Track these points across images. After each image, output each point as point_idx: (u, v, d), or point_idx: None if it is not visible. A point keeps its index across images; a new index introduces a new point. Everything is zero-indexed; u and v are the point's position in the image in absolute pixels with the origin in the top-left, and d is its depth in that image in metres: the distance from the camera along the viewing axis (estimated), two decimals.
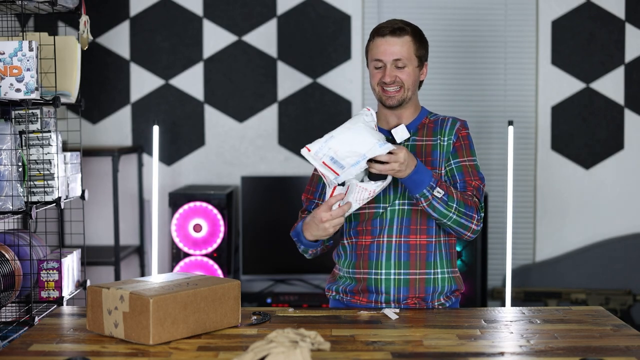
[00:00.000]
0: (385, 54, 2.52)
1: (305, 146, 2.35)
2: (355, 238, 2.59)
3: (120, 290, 2.07)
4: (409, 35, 2.54)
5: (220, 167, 4.79)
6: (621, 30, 4.74)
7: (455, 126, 2.60)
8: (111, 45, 4.74)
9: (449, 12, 4.78)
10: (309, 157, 2.35)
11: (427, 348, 2.06)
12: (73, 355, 1.97)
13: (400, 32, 2.53)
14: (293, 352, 1.82)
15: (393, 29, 2.53)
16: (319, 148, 2.34)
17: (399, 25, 2.54)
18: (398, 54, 2.52)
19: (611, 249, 4.74)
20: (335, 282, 2.65)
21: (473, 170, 2.57)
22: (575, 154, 4.78)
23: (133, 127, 4.77)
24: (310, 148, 2.34)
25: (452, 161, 2.57)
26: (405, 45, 2.52)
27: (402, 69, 2.53)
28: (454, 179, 2.56)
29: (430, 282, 2.55)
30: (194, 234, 4.33)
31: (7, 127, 2.91)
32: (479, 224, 2.51)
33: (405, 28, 2.54)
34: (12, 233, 3.18)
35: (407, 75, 2.53)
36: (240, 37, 4.76)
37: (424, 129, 2.60)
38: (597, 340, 2.12)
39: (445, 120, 2.62)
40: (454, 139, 2.58)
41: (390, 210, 2.54)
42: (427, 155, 2.56)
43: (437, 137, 2.58)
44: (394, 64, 2.52)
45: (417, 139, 2.59)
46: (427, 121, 2.62)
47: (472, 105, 4.78)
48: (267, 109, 4.78)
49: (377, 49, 2.54)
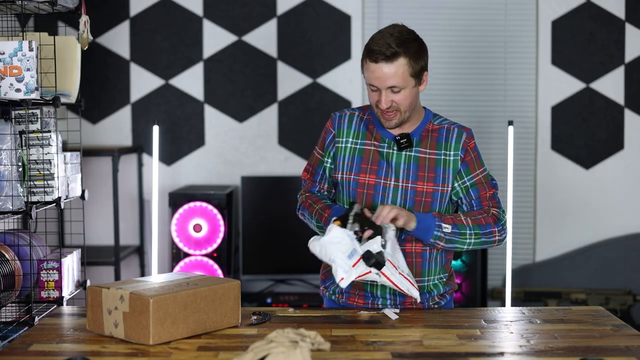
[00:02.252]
0: (379, 80, 2.43)
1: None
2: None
3: (120, 290, 2.07)
4: (403, 58, 2.41)
5: (220, 167, 4.79)
6: (621, 30, 4.74)
7: (462, 139, 2.55)
8: (111, 45, 4.74)
9: (449, 12, 4.78)
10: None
11: (427, 348, 2.06)
12: (73, 355, 1.97)
13: (394, 57, 2.40)
14: (293, 352, 1.82)
15: (386, 56, 2.40)
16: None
17: (392, 50, 2.40)
18: (392, 81, 2.42)
19: (611, 249, 4.73)
20: (329, 277, 2.64)
21: (486, 181, 2.57)
22: (575, 154, 4.78)
23: (133, 127, 4.77)
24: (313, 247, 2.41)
25: (466, 178, 2.55)
26: (399, 70, 2.41)
27: (398, 92, 2.45)
28: (469, 197, 2.55)
29: (425, 289, 2.56)
30: (194, 234, 4.33)
31: (7, 127, 2.91)
32: (502, 233, 2.54)
33: (399, 51, 2.41)
34: (12, 233, 3.17)
35: (403, 98, 2.46)
36: (240, 37, 4.76)
37: (428, 138, 2.55)
38: (597, 340, 2.12)
39: (450, 130, 2.56)
40: (461, 154, 2.54)
41: None
42: (429, 170, 2.53)
43: (441, 151, 2.54)
44: (389, 90, 2.45)
45: (421, 150, 2.54)
46: (431, 127, 2.57)
47: (472, 105, 4.78)
48: (267, 109, 4.78)
49: (371, 75, 2.44)
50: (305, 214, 2.65)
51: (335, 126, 2.62)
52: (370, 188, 2.54)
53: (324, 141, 2.65)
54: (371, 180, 2.53)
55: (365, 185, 2.54)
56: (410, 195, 2.51)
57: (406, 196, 2.51)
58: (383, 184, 2.53)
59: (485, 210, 2.53)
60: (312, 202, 2.63)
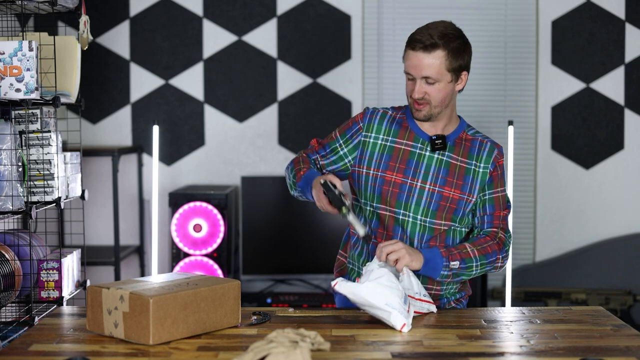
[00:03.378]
0: (415, 69, 2.45)
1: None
2: (374, 238, 2.58)
3: (120, 290, 2.07)
4: (442, 50, 2.44)
5: (220, 167, 4.79)
6: (621, 30, 4.74)
7: (493, 154, 2.57)
8: (111, 45, 4.74)
9: (449, 12, 4.77)
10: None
11: (427, 348, 2.06)
12: (73, 355, 1.96)
13: (433, 48, 2.43)
14: (293, 352, 1.82)
15: (425, 45, 2.43)
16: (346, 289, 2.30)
17: (432, 40, 2.43)
18: (427, 72, 2.44)
19: (611, 249, 4.73)
20: (346, 274, 2.65)
21: (503, 201, 2.58)
22: (575, 154, 4.78)
23: (133, 127, 4.77)
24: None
25: (487, 191, 2.56)
26: (436, 61, 2.44)
27: (433, 84, 2.46)
28: (483, 211, 2.57)
29: (441, 297, 2.59)
30: (194, 234, 4.33)
31: (7, 127, 2.91)
32: (505, 259, 2.56)
33: (438, 43, 2.44)
34: (12, 233, 3.18)
35: (437, 91, 2.47)
36: (240, 37, 4.76)
37: (461, 146, 2.56)
38: (597, 340, 2.12)
39: (483, 143, 2.58)
40: (490, 167, 2.55)
41: (412, 223, 2.53)
42: (459, 177, 2.53)
43: (472, 162, 2.55)
44: (423, 80, 2.46)
45: (453, 156, 2.55)
46: (464, 136, 2.58)
47: (472, 105, 4.78)
48: (267, 109, 4.78)
49: (408, 62, 2.47)
50: (289, 168, 2.66)
51: (366, 120, 2.60)
52: (396, 186, 2.52)
53: (346, 127, 2.63)
54: (398, 179, 2.52)
55: (392, 184, 2.53)
56: (436, 198, 2.51)
57: (431, 199, 2.51)
58: (410, 184, 2.52)
59: (493, 233, 2.55)
60: (301, 161, 2.64)
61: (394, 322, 2.20)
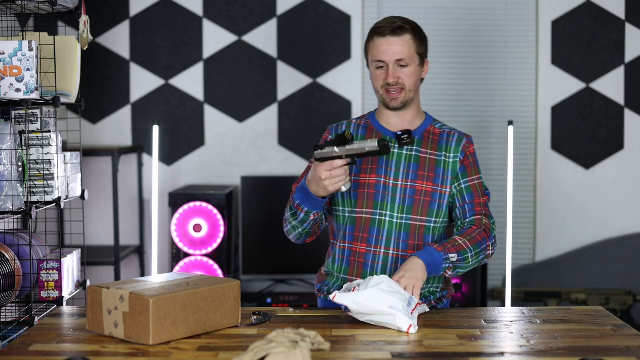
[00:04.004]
0: (387, 54, 2.50)
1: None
2: (349, 243, 2.58)
3: (120, 290, 2.07)
4: (410, 34, 2.52)
5: (220, 167, 4.79)
6: (621, 30, 4.74)
7: (462, 143, 2.59)
8: (111, 45, 4.74)
9: (449, 12, 4.78)
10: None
11: (427, 348, 2.06)
12: (73, 355, 1.97)
13: (401, 31, 2.51)
14: (293, 352, 1.82)
15: (393, 28, 2.51)
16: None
17: (398, 23, 2.52)
18: (400, 54, 2.50)
19: (611, 249, 4.74)
20: (324, 281, 2.65)
21: (480, 188, 2.59)
22: (575, 154, 4.78)
23: (133, 127, 4.77)
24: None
25: (462, 180, 2.58)
26: (406, 44, 2.51)
27: (404, 68, 2.51)
28: (462, 200, 2.57)
29: (421, 295, 2.58)
30: (194, 234, 4.33)
31: (7, 127, 2.91)
32: (494, 246, 2.57)
33: (405, 26, 2.52)
34: (12, 233, 3.17)
35: (409, 75, 2.52)
36: (240, 37, 4.76)
37: (429, 140, 2.59)
38: (597, 340, 2.12)
39: (451, 134, 2.60)
40: (460, 156, 2.57)
41: (389, 222, 2.53)
42: (429, 169, 2.55)
43: (442, 153, 2.57)
44: (396, 64, 2.51)
45: (422, 150, 2.57)
46: (432, 130, 2.61)
47: (472, 105, 4.78)
48: (267, 109, 4.78)
49: (377, 50, 2.52)
50: (285, 214, 2.58)
51: (333, 134, 2.64)
52: (370, 187, 2.54)
53: None
54: (372, 180, 2.54)
55: (366, 185, 2.54)
56: (409, 194, 2.52)
57: (405, 195, 2.52)
58: (383, 183, 2.54)
59: (478, 221, 2.56)
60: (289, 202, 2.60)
61: (400, 324, 2.19)
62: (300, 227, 2.55)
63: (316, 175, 2.36)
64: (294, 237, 2.63)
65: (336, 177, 2.34)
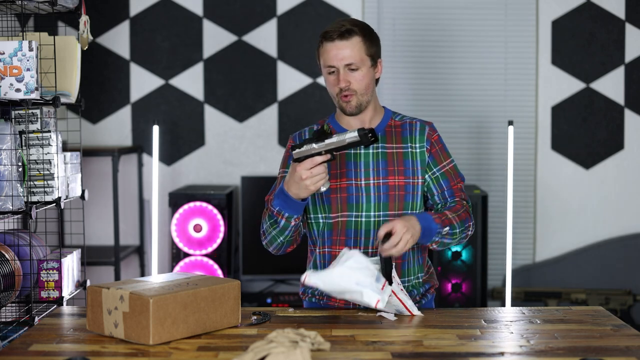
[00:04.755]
0: (336, 59, 2.47)
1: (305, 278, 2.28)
2: (329, 247, 2.57)
3: (120, 290, 2.07)
4: (358, 36, 2.48)
5: (220, 167, 4.79)
6: (621, 30, 4.74)
7: (425, 131, 2.58)
8: (111, 45, 4.74)
9: (449, 12, 4.78)
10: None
11: (427, 348, 2.06)
12: (73, 355, 1.97)
13: (349, 34, 2.46)
14: (293, 352, 1.82)
15: (341, 32, 2.46)
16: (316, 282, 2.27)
17: (347, 27, 2.47)
18: (349, 58, 2.46)
19: (611, 249, 4.74)
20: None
21: (454, 172, 2.60)
22: (575, 154, 4.78)
23: (133, 127, 4.77)
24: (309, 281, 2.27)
25: (435, 169, 2.57)
26: (355, 47, 2.46)
27: (355, 72, 2.48)
28: (440, 187, 2.57)
29: (405, 290, 2.55)
30: (194, 234, 4.33)
31: (7, 127, 2.91)
32: (473, 226, 2.59)
33: (353, 29, 2.47)
34: (12, 233, 3.18)
35: (360, 78, 2.48)
36: (240, 37, 4.76)
37: (392, 134, 2.58)
38: (597, 340, 2.12)
39: (413, 124, 2.59)
40: (427, 145, 2.57)
41: (366, 222, 2.53)
42: (398, 164, 2.54)
43: (407, 145, 2.56)
44: (346, 68, 2.48)
45: (387, 145, 2.56)
46: (393, 123, 2.60)
47: (472, 105, 4.78)
48: (267, 109, 4.78)
49: (327, 55, 2.48)
50: (263, 225, 2.57)
51: (296, 142, 2.63)
52: (342, 191, 2.53)
53: (284, 160, 2.64)
54: (343, 183, 2.53)
55: (338, 190, 2.53)
56: (383, 190, 2.52)
57: (379, 192, 2.52)
58: (355, 185, 2.53)
59: (460, 203, 2.57)
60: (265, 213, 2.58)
61: (367, 300, 2.21)
62: (280, 236, 2.55)
63: (296, 175, 2.34)
64: (274, 248, 2.63)
65: (317, 176, 2.32)
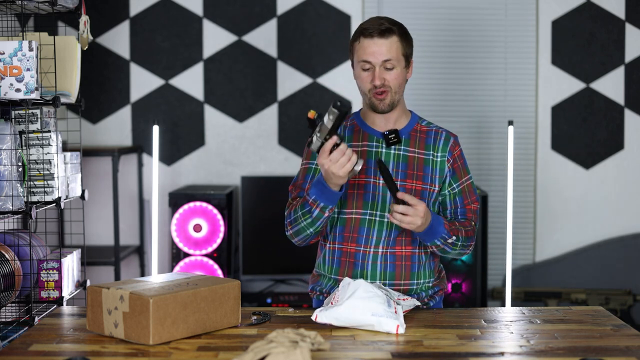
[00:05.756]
0: (374, 55, 2.48)
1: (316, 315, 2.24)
2: (339, 244, 2.57)
3: (120, 290, 2.07)
4: (397, 36, 2.50)
5: (220, 167, 4.79)
6: (621, 30, 4.74)
7: (449, 143, 2.59)
8: (111, 45, 4.74)
9: (449, 12, 4.78)
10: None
11: (427, 348, 2.06)
12: (73, 355, 1.97)
13: (388, 33, 2.48)
14: (293, 352, 1.82)
15: (380, 30, 2.48)
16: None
17: (386, 25, 2.49)
18: (387, 55, 2.48)
19: (611, 249, 4.74)
20: (317, 282, 2.64)
21: (470, 190, 2.62)
22: (575, 154, 4.78)
23: (133, 127, 4.77)
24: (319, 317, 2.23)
25: (454, 185, 2.59)
26: (393, 47, 2.48)
27: (391, 70, 2.50)
28: (454, 204, 2.60)
29: (413, 292, 2.57)
30: (194, 234, 4.33)
31: (7, 127, 2.91)
32: (473, 246, 2.62)
33: (392, 28, 2.50)
34: (12, 233, 3.18)
35: (395, 77, 2.50)
36: (240, 37, 4.76)
37: (416, 139, 2.58)
38: (597, 340, 2.12)
39: (438, 132, 2.60)
40: (448, 156, 2.58)
41: (379, 222, 2.53)
42: (418, 169, 2.55)
43: (429, 152, 2.57)
44: (383, 66, 2.49)
45: (409, 149, 2.57)
46: (419, 128, 2.60)
47: (472, 105, 4.77)
48: (267, 109, 4.78)
49: (364, 51, 2.49)
50: (292, 215, 2.52)
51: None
52: (360, 188, 2.54)
53: (310, 152, 2.62)
54: (361, 180, 2.54)
55: (356, 186, 2.54)
56: None
57: None
58: (373, 183, 2.54)
59: (469, 223, 2.59)
60: (293, 203, 2.56)
61: (388, 329, 2.18)
62: (311, 227, 2.49)
63: (321, 168, 2.36)
64: (300, 239, 2.56)
65: (338, 161, 2.30)
